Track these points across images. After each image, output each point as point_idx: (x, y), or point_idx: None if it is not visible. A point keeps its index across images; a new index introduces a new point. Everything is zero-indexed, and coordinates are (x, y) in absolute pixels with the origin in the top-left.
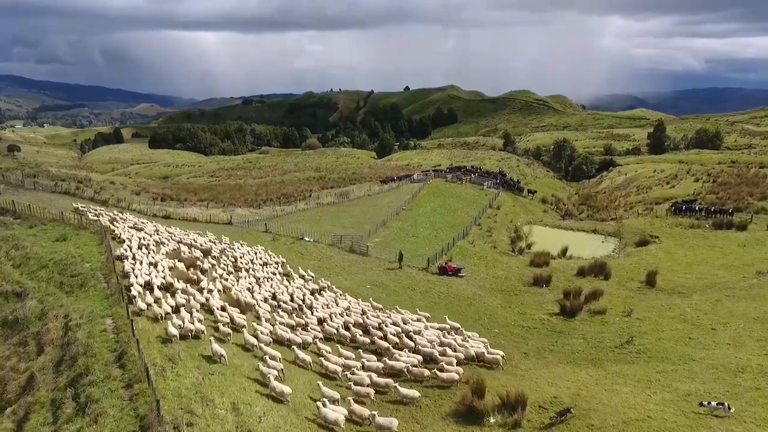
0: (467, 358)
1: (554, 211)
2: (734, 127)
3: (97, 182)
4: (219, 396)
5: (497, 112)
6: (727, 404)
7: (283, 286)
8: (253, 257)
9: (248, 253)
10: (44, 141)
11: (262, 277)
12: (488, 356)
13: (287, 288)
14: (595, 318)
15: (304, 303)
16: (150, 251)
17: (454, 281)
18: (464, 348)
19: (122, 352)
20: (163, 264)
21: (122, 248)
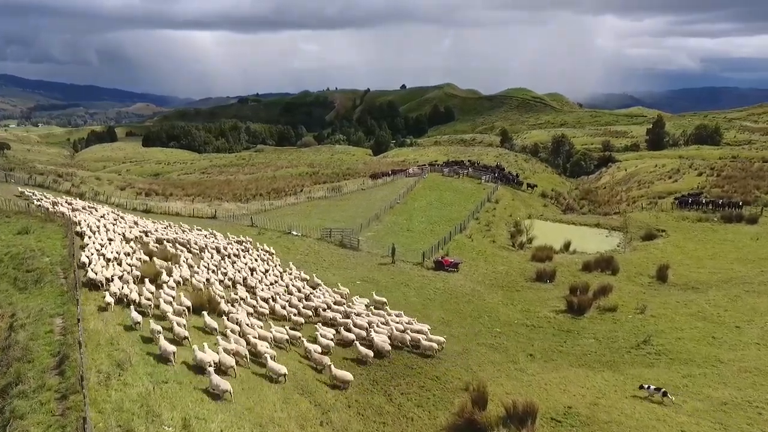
0: (395, 339)
1: (555, 206)
2: (732, 124)
3: (81, 177)
4: (169, 410)
5: (494, 110)
6: (668, 393)
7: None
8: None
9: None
10: (37, 140)
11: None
12: (424, 343)
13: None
14: (606, 316)
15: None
16: (108, 236)
17: (451, 277)
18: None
19: (64, 356)
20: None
21: (85, 237)
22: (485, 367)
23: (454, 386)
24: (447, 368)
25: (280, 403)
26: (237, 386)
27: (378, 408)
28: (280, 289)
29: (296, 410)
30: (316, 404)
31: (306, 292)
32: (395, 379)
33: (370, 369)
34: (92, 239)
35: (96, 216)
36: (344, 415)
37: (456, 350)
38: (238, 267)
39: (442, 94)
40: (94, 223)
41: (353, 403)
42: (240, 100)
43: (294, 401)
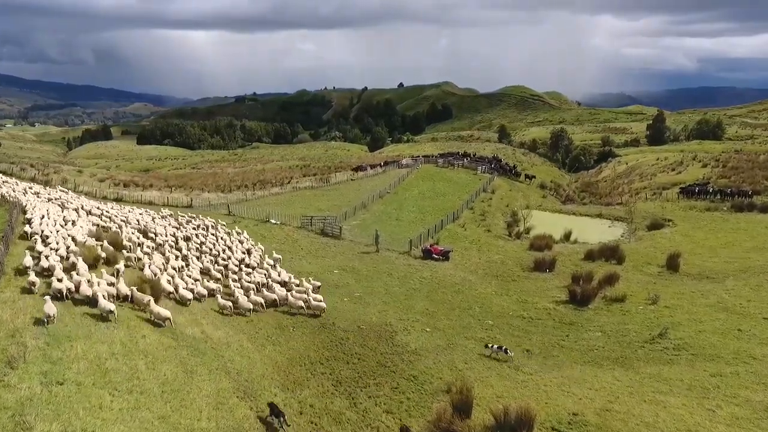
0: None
1: (554, 197)
2: (733, 120)
3: (66, 169)
4: (48, 420)
5: (492, 108)
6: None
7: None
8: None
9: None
10: (32, 139)
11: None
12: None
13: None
14: (614, 306)
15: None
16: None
17: (441, 266)
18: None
19: None
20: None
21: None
22: (473, 364)
23: (434, 388)
24: (427, 366)
25: (208, 410)
26: (157, 387)
27: (337, 415)
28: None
29: (229, 418)
30: (257, 410)
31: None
32: (363, 379)
33: (335, 367)
34: (36, 223)
35: (42, 199)
36: (291, 424)
37: (440, 345)
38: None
39: (440, 92)
40: (39, 206)
41: (306, 410)
42: (237, 100)
43: (229, 407)
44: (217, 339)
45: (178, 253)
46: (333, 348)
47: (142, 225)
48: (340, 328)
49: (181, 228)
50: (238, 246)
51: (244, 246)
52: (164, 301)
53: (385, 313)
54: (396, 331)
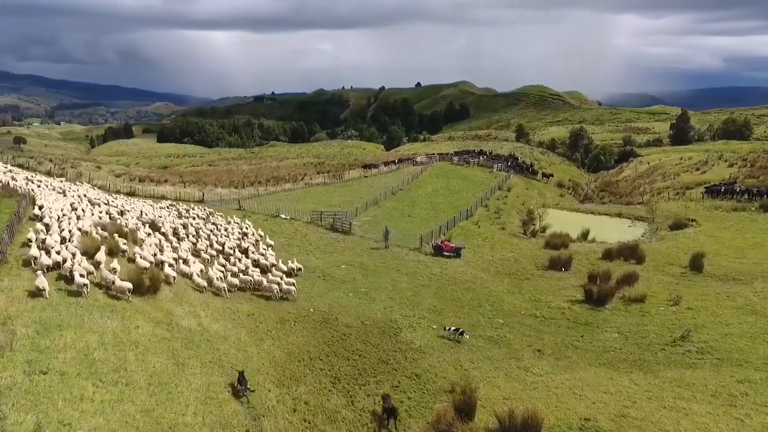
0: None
1: (572, 196)
2: (762, 120)
3: (84, 165)
4: (24, 411)
5: (510, 107)
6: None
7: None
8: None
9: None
10: (57, 137)
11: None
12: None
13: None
14: (632, 307)
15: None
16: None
17: (451, 263)
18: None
19: None
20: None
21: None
22: (480, 364)
23: (438, 387)
24: (431, 364)
25: (196, 404)
26: (144, 380)
27: (332, 414)
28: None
29: (217, 413)
30: (249, 406)
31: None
32: (363, 377)
33: (335, 363)
34: (45, 213)
35: (55, 192)
36: (282, 422)
37: (446, 343)
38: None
39: (458, 91)
40: (53, 199)
41: (300, 407)
42: (256, 99)
43: (218, 402)
44: (214, 332)
45: (173, 239)
46: (334, 344)
47: (143, 214)
48: (343, 324)
49: (182, 217)
50: (234, 233)
51: (244, 231)
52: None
53: (390, 310)
54: (401, 327)
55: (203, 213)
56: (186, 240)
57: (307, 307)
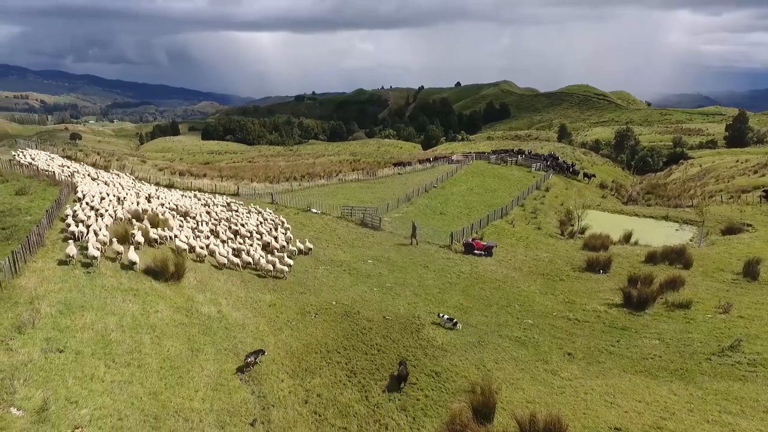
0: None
1: (615, 197)
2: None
3: (131, 159)
4: (34, 387)
5: (553, 107)
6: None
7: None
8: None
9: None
10: (110, 133)
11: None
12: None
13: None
14: (676, 313)
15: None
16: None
17: (482, 261)
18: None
19: None
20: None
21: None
22: (504, 364)
23: (457, 386)
24: (452, 363)
25: (205, 390)
26: (157, 363)
27: (345, 407)
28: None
29: (225, 401)
30: (259, 395)
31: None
32: (380, 372)
33: (352, 357)
34: (84, 200)
35: (96, 180)
36: (291, 413)
37: (470, 341)
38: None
39: (498, 91)
40: (93, 186)
41: (312, 399)
42: (297, 99)
43: (228, 389)
44: (233, 320)
45: (192, 221)
46: (353, 337)
47: (169, 201)
48: (364, 318)
49: (205, 205)
50: (252, 219)
51: (264, 218)
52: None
53: (414, 306)
54: (423, 324)
55: (224, 202)
56: (207, 224)
57: (330, 299)
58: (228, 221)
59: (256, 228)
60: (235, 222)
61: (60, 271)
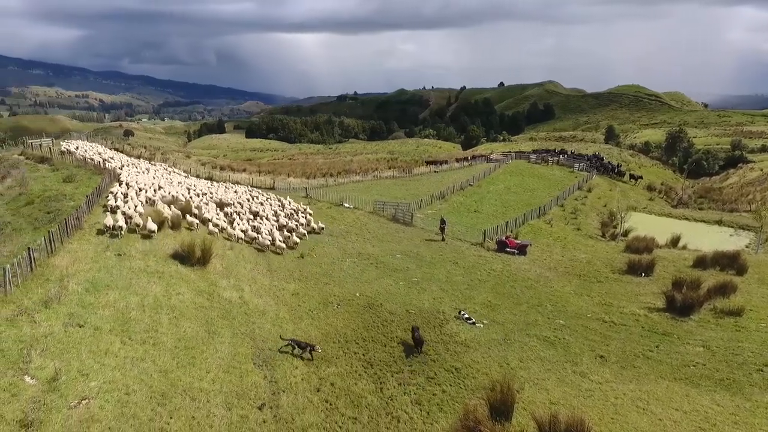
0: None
1: (663, 200)
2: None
3: (176, 154)
4: (49, 358)
5: (600, 108)
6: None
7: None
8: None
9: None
10: (161, 131)
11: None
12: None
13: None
14: (725, 321)
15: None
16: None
17: (515, 259)
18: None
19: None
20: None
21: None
22: (530, 364)
23: (477, 383)
24: (474, 359)
25: (217, 371)
26: (171, 342)
27: (357, 398)
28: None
29: (236, 383)
30: (271, 380)
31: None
32: (397, 365)
33: (370, 348)
34: (123, 186)
35: (139, 170)
36: (301, 399)
37: (494, 339)
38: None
39: (543, 91)
40: (134, 175)
41: (325, 387)
42: (339, 99)
43: (240, 372)
44: (254, 306)
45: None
46: (373, 329)
47: (208, 191)
48: (387, 310)
49: (237, 192)
50: (273, 205)
51: (282, 204)
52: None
53: (440, 301)
54: (447, 319)
55: (248, 190)
56: (231, 206)
57: (354, 291)
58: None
59: (273, 212)
60: (255, 206)
61: (92, 252)
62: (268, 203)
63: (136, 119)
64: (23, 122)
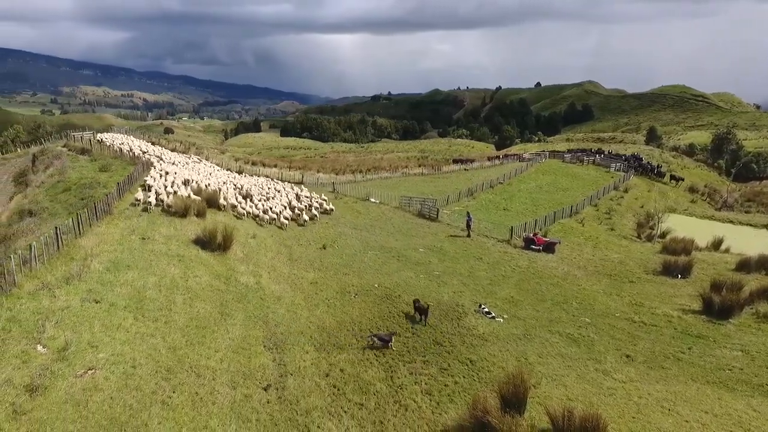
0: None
1: (706, 203)
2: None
3: (209, 150)
4: (62, 329)
5: (642, 109)
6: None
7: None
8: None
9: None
10: (199, 129)
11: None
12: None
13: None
14: (767, 325)
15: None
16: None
17: (542, 257)
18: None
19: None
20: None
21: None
22: (549, 359)
23: (492, 377)
24: (491, 353)
25: (226, 351)
26: (183, 321)
27: (366, 385)
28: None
29: (244, 363)
30: (280, 363)
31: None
32: (411, 354)
33: None
34: (155, 173)
35: (172, 161)
36: (309, 383)
37: (514, 333)
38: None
39: (581, 91)
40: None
41: (334, 373)
42: (373, 99)
43: (249, 353)
44: (270, 292)
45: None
46: (389, 319)
47: (232, 181)
48: (404, 302)
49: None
50: (289, 193)
51: (296, 193)
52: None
53: (460, 294)
54: (466, 313)
55: (268, 181)
56: (249, 191)
57: (372, 282)
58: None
59: (287, 196)
60: (272, 192)
61: (118, 235)
62: (284, 191)
63: (177, 118)
64: (73, 120)
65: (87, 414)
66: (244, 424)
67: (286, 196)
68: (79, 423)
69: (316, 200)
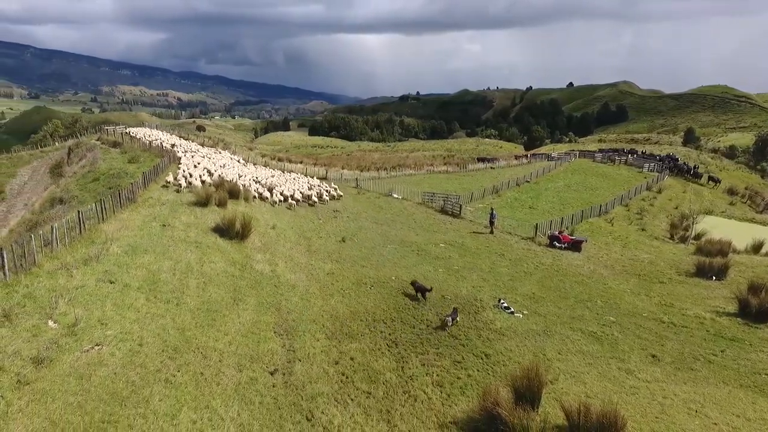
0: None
1: (746, 205)
2: None
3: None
4: (73, 306)
5: (680, 110)
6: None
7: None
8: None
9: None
10: (230, 128)
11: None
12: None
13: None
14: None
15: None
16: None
17: (568, 255)
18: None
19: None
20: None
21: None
22: (569, 356)
23: (507, 371)
24: (507, 347)
25: (235, 335)
26: (195, 304)
27: (376, 374)
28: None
29: (252, 348)
30: (289, 349)
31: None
32: (424, 346)
33: (397, 329)
34: (182, 168)
35: (200, 154)
36: (317, 370)
37: (533, 329)
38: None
39: (616, 92)
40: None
41: (344, 361)
42: (401, 99)
43: (258, 338)
44: (285, 280)
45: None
46: (404, 311)
47: (252, 173)
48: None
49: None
50: (303, 182)
51: (310, 183)
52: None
53: (479, 289)
54: (484, 307)
55: (283, 173)
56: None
57: (390, 275)
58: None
59: (300, 184)
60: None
61: (140, 221)
62: (298, 180)
63: (210, 117)
64: (110, 117)
65: (89, 387)
66: (247, 406)
67: (299, 183)
68: (80, 395)
69: (326, 189)
